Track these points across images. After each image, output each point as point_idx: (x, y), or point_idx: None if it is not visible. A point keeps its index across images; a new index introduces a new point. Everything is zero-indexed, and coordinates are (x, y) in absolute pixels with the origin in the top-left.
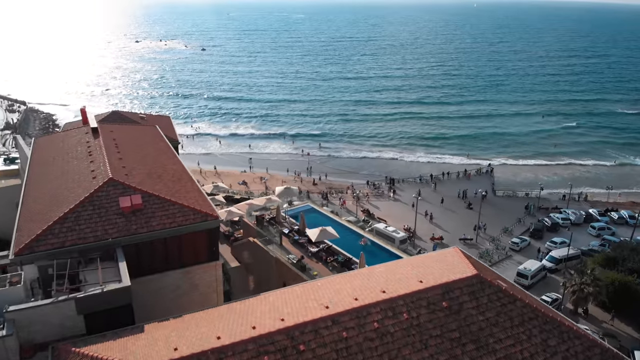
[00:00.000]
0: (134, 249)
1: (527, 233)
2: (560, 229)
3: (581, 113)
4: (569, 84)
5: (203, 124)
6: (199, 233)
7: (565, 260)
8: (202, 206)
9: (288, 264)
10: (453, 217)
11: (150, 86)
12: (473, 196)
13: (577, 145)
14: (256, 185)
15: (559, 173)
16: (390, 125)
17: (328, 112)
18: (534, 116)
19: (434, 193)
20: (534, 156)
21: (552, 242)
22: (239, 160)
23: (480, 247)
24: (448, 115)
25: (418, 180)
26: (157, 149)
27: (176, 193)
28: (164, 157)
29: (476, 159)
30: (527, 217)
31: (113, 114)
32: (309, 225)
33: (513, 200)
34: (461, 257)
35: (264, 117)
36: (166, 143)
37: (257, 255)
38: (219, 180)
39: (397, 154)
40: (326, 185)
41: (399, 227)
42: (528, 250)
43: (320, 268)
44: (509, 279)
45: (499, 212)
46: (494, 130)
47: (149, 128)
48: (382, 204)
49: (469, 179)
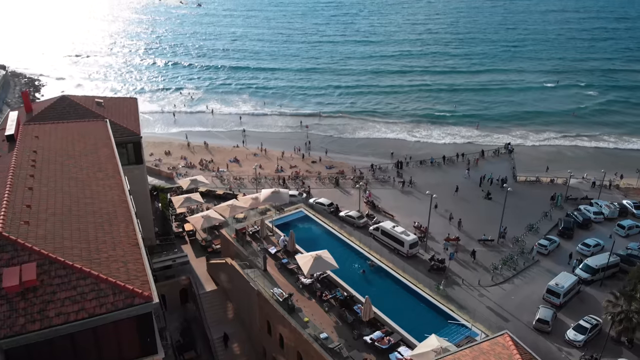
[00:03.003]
0: (24, 353)
1: (556, 231)
2: (593, 225)
3: (606, 84)
4: (589, 49)
5: (194, 90)
6: (124, 322)
7: (604, 269)
8: (134, 274)
9: (272, 300)
10: (470, 210)
11: (144, 53)
12: (489, 185)
13: (602, 117)
14: (249, 163)
15: (582, 154)
16: (399, 99)
17: (330, 84)
18: (549, 87)
19: (447, 179)
20: (554, 130)
21: (585, 246)
22: (232, 135)
23: (503, 250)
24: (460, 87)
25: (429, 163)
26: (92, 163)
27: (98, 250)
28: (99, 178)
29: (491, 132)
30: (554, 210)
31: (61, 100)
32: (302, 241)
33: (537, 187)
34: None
35: (260, 88)
36: (110, 150)
37: (236, 282)
38: (209, 156)
39: (405, 132)
40: (326, 162)
41: (409, 223)
42: (557, 253)
43: (313, 308)
44: (536, 293)
45: (521, 203)
46: (510, 101)
47: (95, 125)
48: (388, 193)
49: (475, 166)
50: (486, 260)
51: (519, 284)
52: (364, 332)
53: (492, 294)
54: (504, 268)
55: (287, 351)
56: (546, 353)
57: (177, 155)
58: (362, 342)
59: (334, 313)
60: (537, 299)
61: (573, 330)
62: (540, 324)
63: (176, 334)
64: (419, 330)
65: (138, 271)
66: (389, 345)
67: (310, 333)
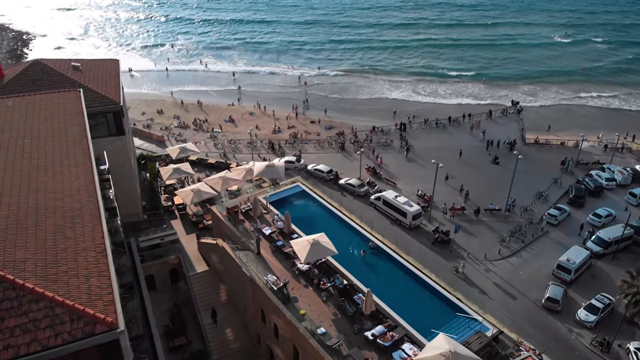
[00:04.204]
0: None
1: (566, 199)
2: (604, 192)
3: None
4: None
5: (187, 45)
6: (86, 353)
7: (617, 242)
8: (97, 293)
9: (266, 288)
10: (475, 176)
11: (136, 5)
12: (496, 148)
13: (617, 76)
14: (245, 123)
15: (595, 114)
16: (403, 54)
17: (331, 38)
18: (562, 42)
19: (453, 142)
20: (566, 89)
21: (596, 216)
22: (227, 93)
23: (510, 220)
24: (467, 42)
25: (434, 125)
26: (59, 146)
27: (56, 262)
28: (65, 165)
29: (499, 90)
30: (564, 176)
31: (34, 65)
32: (299, 220)
33: (546, 150)
34: None
35: (256, 43)
36: (82, 128)
37: (228, 265)
38: (202, 115)
39: (410, 90)
40: (326, 123)
41: (412, 191)
42: (568, 223)
43: (310, 297)
44: (546, 268)
45: (530, 168)
46: (520, 58)
47: (67, 96)
48: (390, 158)
49: (476, 127)
50: (493, 231)
51: (527, 258)
52: (364, 326)
53: (499, 269)
54: (511, 240)
55: (283, 342)
56: (556, 334)
57: (170, 114)
58: (362, 337)
59: (333, 303)
60: (546, 275)
61: (584, 310)
62: (549, 302)
63: (166, 319)
64: (425, 324)
65: (102, 288)
66: (392, 341)
67: (307, 327)
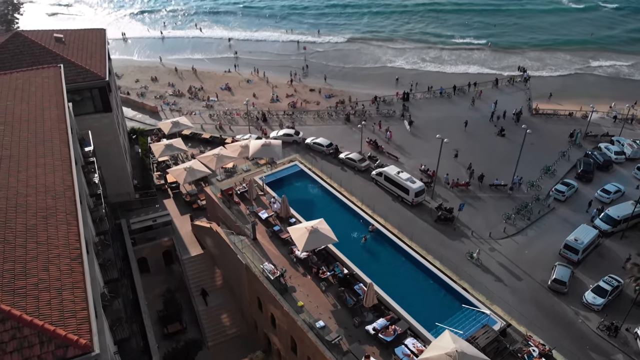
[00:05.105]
0: None
1: (574, 174)
2: (613, 166)
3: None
4: None
5: (182, 10)
6: None
7: (627, 220)
8: (70, 309)
9: (263, 277)
10: (480, 149)
11: None
12: (503, 119)
13: (631, 46)
14: (242, 91)
15: (601, 82)
16: (407, 20)
17: (332, 2)
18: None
19: (457, 111)
20: (576, 57)
21: (605, 192)
22: (223, 60)
23: (516, 196)
24: (473, 8)
25: (438, 94)
26: (34, 133)
27: (25, 273)
28: (40, 154)
29: (506, 56)
30: (572, 149)
31: (14, 37)
32: (297, 202)
33: (554, 121)
34: None
35: (253, 7)
36: (60, 111)
37: (222, 250)
38: (198, 82)
39: (415, 57)
40: (326, 91)
41: (415, 165)
42: (575, 199)
43: (309, 287)
44: (552, 247)
45: (537, 141)
46: (528, 24)
47: (46, 74)
48: (393, 131)
49: (477, 97)
50: (498, 208)
51: (533, 236)
52: (365, 318)
53: (504, 247)
54: (517, 218)
55: (280, 332)
56: (562, 317)
57: (164, 81)
58: (363, 330)
59: (332, 293)
60: (552, 254)
61: (592, 292)
62: (556, 284)
63: (159, 303)
64: (429, 317)
65: (76, 303)
66: (394, 336)
67: (305, 320)
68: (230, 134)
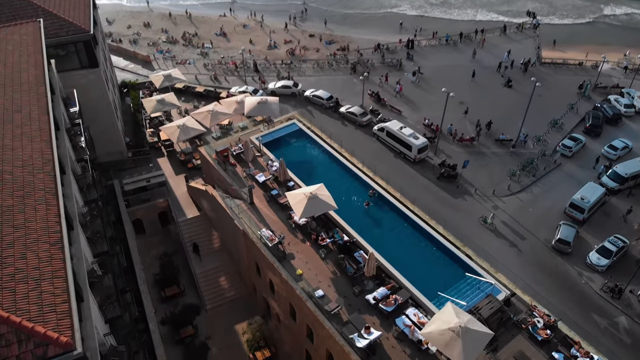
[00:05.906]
0: None
1: (582, 127)
2: (623, 120)
3: None
4: None
5: None
6: None
7: (635, 177)
8: (49, 303)
9: (260, 244)
10: (487, 100)
11: None
12: (510, 69)
13: None
14: (238, 37)
15: (613, 30)
16: None
17: None
18: None
19: (464, 60)
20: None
21: (612, 148)
22: (218, 3)
23: (522, 151)
24: None
25: (444, 41)
26: (9, 98)
27: None
28: (16, 124)
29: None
30: (580, 101)
31: None
32: (296, 165)
33: (563, 71)
34: None
35: None
36: (39, 71)
37: (219, 214)
38: (192, 28)
39: (418, 2)
40: (326, 37)
41: (418, 119)
42: (582, 155)
43: (308, 254)
44: (557, 205)
45: (546, 92)
46: None
47: (22, 31)
48: (396, 82)
49: (480, 47)
50: (503, 165)
51: (537, 193)
52: (366, 287)
53: (508, 205)
54: (522, 174)
55: (279, 298)
56: (565, 278)
57: (158, 27)
58: (363, 299)
59: (332, 261)
60: (557, 212)
61: (596, 253)
62: (560, 244)
63: (156, 266)
64: (431, 285)
65: (56, 295)
66: (395, 306)
67: (304, 288)
68: (226, 85)
